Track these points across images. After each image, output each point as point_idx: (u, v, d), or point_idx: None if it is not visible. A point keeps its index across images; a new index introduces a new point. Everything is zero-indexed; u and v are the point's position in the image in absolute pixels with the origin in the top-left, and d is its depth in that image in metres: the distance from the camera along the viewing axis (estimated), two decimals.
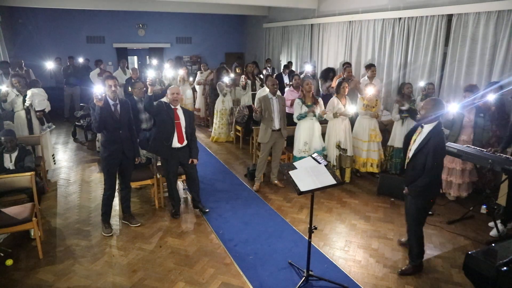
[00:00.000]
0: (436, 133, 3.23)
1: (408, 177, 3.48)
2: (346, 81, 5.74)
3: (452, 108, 4.60)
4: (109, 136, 4.00)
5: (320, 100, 5.42)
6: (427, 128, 3.28)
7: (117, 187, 4.37)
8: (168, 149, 4.37)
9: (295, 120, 5.34)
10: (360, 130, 5.70)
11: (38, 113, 5.51)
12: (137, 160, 4.39)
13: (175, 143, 4.38)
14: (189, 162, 4.51)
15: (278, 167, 5.59)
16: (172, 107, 4.38)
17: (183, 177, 4.86)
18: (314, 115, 5.28)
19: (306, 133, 5.32)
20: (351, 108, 5.36)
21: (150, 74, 4.83)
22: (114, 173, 4.20)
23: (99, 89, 3.76)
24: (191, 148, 4.52)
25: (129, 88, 5.56)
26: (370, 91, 5.53)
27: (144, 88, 5.42)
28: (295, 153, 5.45)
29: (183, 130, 4.42)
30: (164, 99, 5.18)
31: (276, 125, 5.27)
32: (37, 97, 5.49)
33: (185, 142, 4.45)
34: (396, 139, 5.70)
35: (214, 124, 8.07)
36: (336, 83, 6.90)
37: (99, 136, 6.11)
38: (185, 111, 4.52)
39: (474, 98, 4.79)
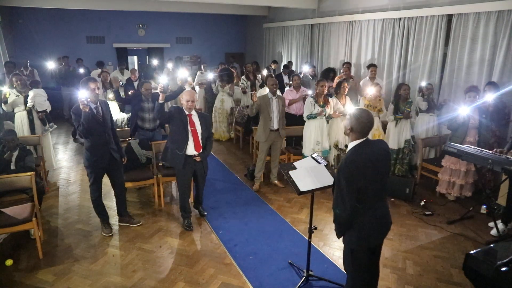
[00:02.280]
0: (350, 153, 2.47)
1: None
2: (346, 81, 5.74)
3: (463, 110, 4.59)
4: (95, 140, 3.88)
5: (331, 101, 5.42)
6: (349, 147, 2.52)
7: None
8: (181, 158, 4.09)
9: (305, 118, 5.33)
10: None
11: (40, 114, 5.50)
12: (124, 160, 4.28)
13: (191, 151, 4.14)
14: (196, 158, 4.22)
15: (278, 167, 5.60)
16: (186, 113, 4.10)
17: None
18: (325, 115, 5.29)
19: (318, 132, 5.31)
20: (350, 108, 5.35)
21: (163, 80, 4.59)
22: (101, 177, 4.10)
23: (83, 94, 3.60)
24: (205, 148, 4.26)
25: (131, 89, 5.57)
26: (370, 91, 5.54)
27: (152, 90, 5.39)
28: (306, 153, 5.40)
29: (200, 136, 4.15)
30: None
31: (275, 125, 5.27)
32: (38, 98, 5.49)
33: (202, 150, 4.22)
34: (390, 140, 5.69)
35: (213, 123, 8.11)
36: (336, 83, 6.91)
37: None
38: (201, 115, 4.22)
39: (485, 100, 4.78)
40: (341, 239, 2.63)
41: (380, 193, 2.54)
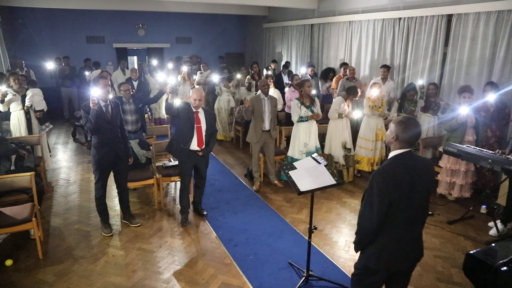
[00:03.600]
0: (389, 161, 2.25)
1: None
2: (350, 81, 5.77)
3: (463, 110, 4.59)
4: (102, 137, 3.93)
5: (317, 100, 5.42)
6: (390, 156, 2.29)
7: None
8: (185, 151, 4.25)
9: (294, 121, 5.30)
10: (368, 130, 5.71)
11: (37, 113, 5.50)
12: (130, 160, 4.30)
13: (194, 146, 4.26)
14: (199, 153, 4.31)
15: (275, 167, 5.59)
16: (194, 110, 4.23)
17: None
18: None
19: (307, 134, 5.30)
20: (357, 113, 5.39)
21: (171, 81, 4.69)
22: (106, 175, 4.12)
23: (96, 92, 3.70)
24: (208, 144, 4.36)
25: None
26: (375, 92, 5.55)
27: (130, 89, 5.37)
28: (293, 154, 5.37)
29: (204, 133, 4.28)
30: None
31: (266, 125, 5.26)
32: (36, 97, 5.49)
33: (204, 146, 4.33)
34: None
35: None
36: (341, 84, 6.91)
37: None
38: (207, 113, 4.35)
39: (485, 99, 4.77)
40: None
41: (415, 216, 2.24)
